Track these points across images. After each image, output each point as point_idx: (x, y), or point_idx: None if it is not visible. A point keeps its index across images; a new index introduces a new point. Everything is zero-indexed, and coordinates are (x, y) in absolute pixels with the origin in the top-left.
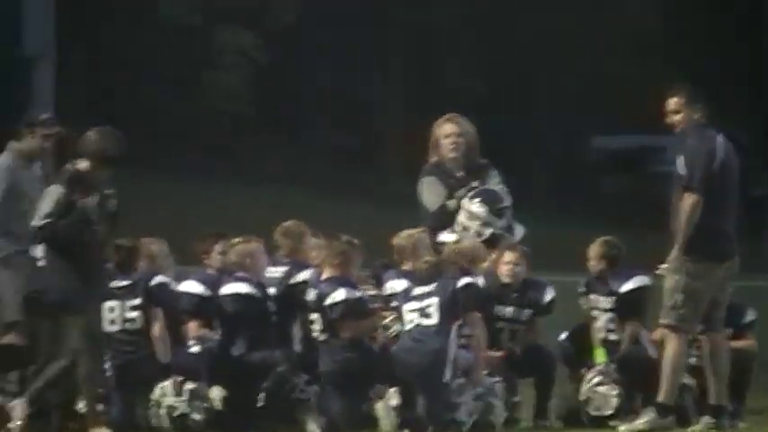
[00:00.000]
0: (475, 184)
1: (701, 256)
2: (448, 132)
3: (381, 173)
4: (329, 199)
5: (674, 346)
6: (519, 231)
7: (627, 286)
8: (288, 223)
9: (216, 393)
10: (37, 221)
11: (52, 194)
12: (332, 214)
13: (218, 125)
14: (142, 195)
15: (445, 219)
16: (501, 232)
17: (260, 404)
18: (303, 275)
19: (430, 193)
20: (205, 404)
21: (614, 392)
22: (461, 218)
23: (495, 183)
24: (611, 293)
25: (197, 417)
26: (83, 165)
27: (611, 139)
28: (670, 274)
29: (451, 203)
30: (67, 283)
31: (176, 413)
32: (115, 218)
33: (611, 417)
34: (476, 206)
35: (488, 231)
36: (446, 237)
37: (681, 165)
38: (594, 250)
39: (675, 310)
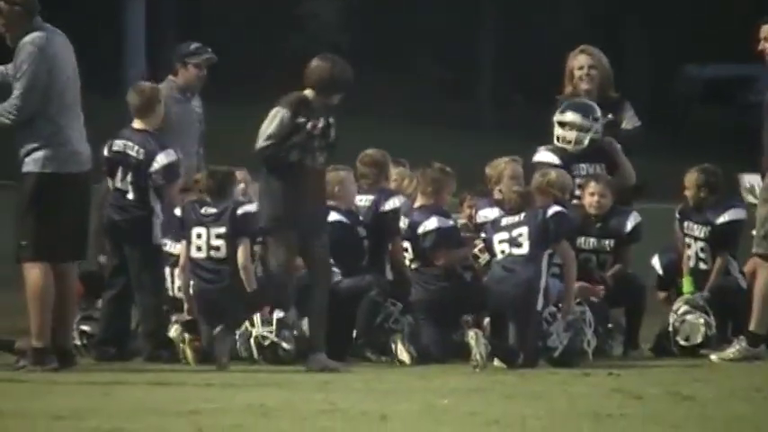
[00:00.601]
0: (610, 116)
1: None
2: (581, 64)
3: (475, 104)
4: (423, 129)
5: (766, 276)
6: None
7: (723, 218)
8: (371, 151)
9: (306, 323)
10: (259, 142)
11: (276, 117)
12: (425, 144)
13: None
14: (238, 125)
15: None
16: (598, 136)
17: (354, 333)
18: (393, 203)
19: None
20: (295, 332)
21: (701, 321)
22: (558, 131)
23: (629, 116)
24: (706, 223)
25: (286, 346)
26: (307, 91)
27: (702, 69)
28: (761, 203)
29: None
30: (277, 208)
31: (266, 343)
32: (334, 147)
33: (701, 346)
34: (569, 115)
35: (587, 139)
36: (543, 156)
37: None
38: (691, 178)
39: (766, 240)
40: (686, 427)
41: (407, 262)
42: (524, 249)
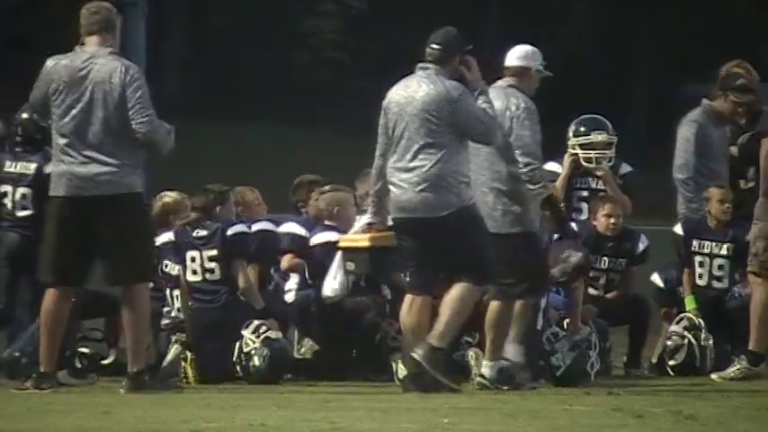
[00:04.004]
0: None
1: None
2: None
3: None
4: None
5: (761, 294)
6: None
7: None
8: (369, 170)
9: (307, 343)
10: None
11: None
12: None
13: (314, 72)
14: (238, 143)
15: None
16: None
17: (353, 353)
18: (390, 222)
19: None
20: (302, 350)
21: (685, 342)
22: (582, 153)
23: None
24: (731, 240)
25: (257, 362)
26: None
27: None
28: (754, 222)
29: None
30: None
31: (245, 349)
32: None
33: (691, 364)
34: (596, 135)
35: (607, 158)
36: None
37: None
38: (717, 194)
39: (757, 257)
40: None
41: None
42: None
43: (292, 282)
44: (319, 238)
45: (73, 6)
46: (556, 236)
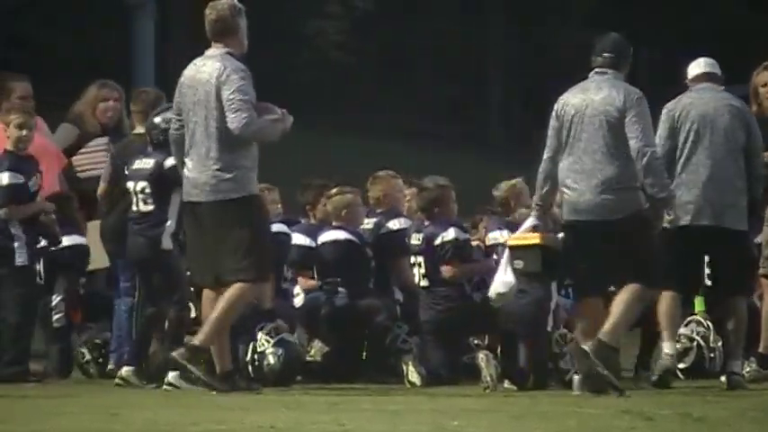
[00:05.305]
0: None
1: None
2: (766, 81)
3: (483, 124)
4: (430, 150)
5: None
6: None
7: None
8: (380, 173)
9: (316, 345)
10: None
11: None
12: (432, 165)
13: (322, 74)
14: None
15: None
16: None
17: (363, 355)
18: (399, 223)
19: None
20: (311, 352)
21: (689, 344)
22: None
23: None
24: None
25: (272, 361)
26: None
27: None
28: (766, 224)
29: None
30: None
31: (260, 349)
32: None
33: (710, 367)
34: None
35: None
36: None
37: None
38: None
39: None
40: None
41: (417, 280)
42: None
43: (300, 286)
44: (327, 236)
45: (73, 6)
46: None
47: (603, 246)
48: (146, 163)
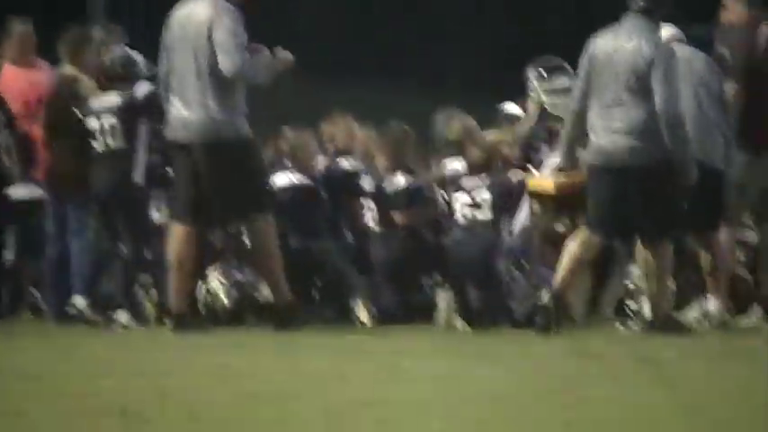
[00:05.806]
0: None
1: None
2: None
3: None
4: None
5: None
6: None
7: None
8: (334, 115)
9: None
10: None
11: None
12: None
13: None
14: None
15: None
16: None
17: (315, 296)
18: (350, 164)
19: None
20: (235, 291)
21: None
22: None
23: None
24: None
25: (226, 302)
26: None
27: None
28: None
29: None
30: None
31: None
32: None
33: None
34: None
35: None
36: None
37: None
38: None
39: None
40: (643, 386)
41: (370, 223)
42: (486, 212)
43: None
44: (281, 179)
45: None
46: None
47: (626, 190)
48: (109, 99)
